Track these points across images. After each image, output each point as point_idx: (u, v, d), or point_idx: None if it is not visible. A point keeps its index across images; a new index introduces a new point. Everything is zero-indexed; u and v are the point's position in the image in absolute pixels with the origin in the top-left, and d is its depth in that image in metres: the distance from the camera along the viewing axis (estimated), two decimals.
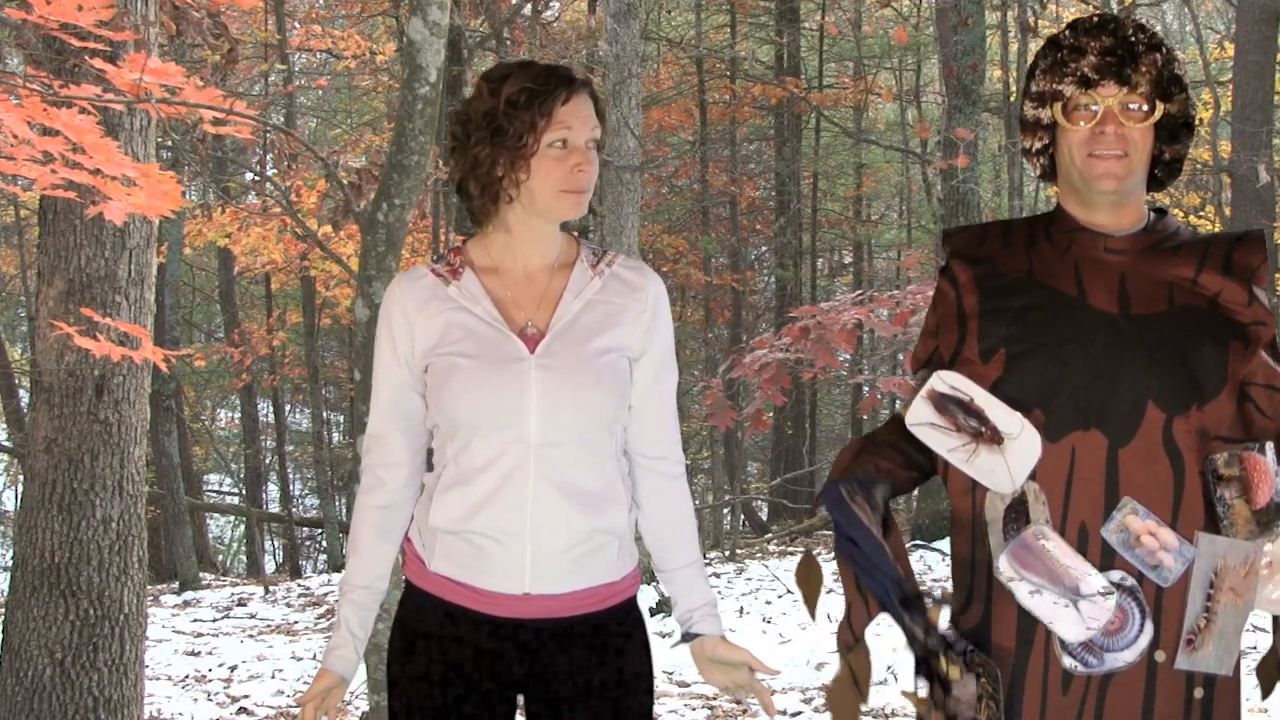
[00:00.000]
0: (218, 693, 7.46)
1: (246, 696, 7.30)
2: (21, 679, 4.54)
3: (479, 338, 2.14)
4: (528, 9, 11.78)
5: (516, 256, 2.19)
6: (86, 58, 3.84)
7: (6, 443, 15.32)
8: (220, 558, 19.25)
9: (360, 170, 4.73)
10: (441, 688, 2.15)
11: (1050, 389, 1.98)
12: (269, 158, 12.14)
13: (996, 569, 1.98)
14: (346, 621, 2.23)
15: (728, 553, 12.56)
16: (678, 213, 17.76)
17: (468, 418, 2.11)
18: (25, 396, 14.16)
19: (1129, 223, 2.06)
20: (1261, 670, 2.09)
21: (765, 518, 16.79)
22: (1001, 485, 1.99)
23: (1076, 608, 1.92)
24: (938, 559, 10.30)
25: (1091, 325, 2.00)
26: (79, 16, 3.23)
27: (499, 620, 2.15)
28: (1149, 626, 1.94)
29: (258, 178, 12.27)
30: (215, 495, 21.43)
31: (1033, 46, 11.36)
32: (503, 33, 10.56)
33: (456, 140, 2.15)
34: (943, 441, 2.03)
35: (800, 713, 6.08)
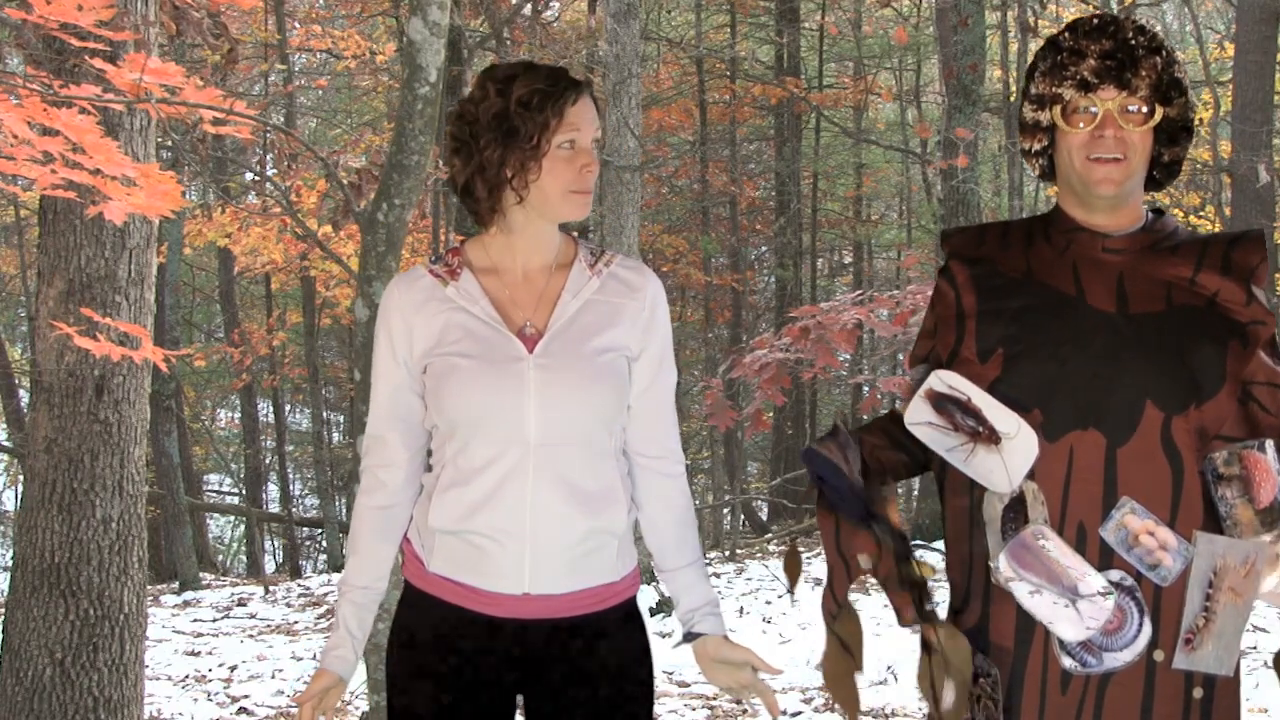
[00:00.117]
0: (218, 693, 7.46)
1: (246, 696, 7.30)
2: (21, 679, 4.55)
3: (477, 338, 2.13)
4: (528, 9, 11.79)
5: (516, 257, 2.19)
6: (86, 58, 3.84)
7: (6, 443, 15.33)
8: (220, 558, 19.26)
9: (360, 170, 4.73)
10: (441, 688, 2.15)
11: (1048, 389, 1.98)
12: (269, 158, 12.14)
13: (995, 569, 1.98)
14: (345, 621, 2.22)
15: (728, 553, 12.56)
16: (678, 213, 17.76)
17: (466, 418, 2.11)
18: (25, 396, 14.16)
19: (1127, 223, 2.07)
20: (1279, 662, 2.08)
21: (765, 518, 16.80)
22: (999, 485, 1.99)
23: (1075, 607, 1.92)
24: (938, 559, 10.28)
25: (1090, 325, 2.00)
26: (79, 16, 3.23)
27: (498, 620, 2.14)
28: (1147, 626, 1.94)
29: (258, 178, 12.27)
30: (215, 495, 21.44)
31: (1033, 46, 11.36)
32: (503, 33, 10.57)
33: (460, 142, 2.14)
34: (941, 441, 2.04)
35: (800, 713, 6.08)
